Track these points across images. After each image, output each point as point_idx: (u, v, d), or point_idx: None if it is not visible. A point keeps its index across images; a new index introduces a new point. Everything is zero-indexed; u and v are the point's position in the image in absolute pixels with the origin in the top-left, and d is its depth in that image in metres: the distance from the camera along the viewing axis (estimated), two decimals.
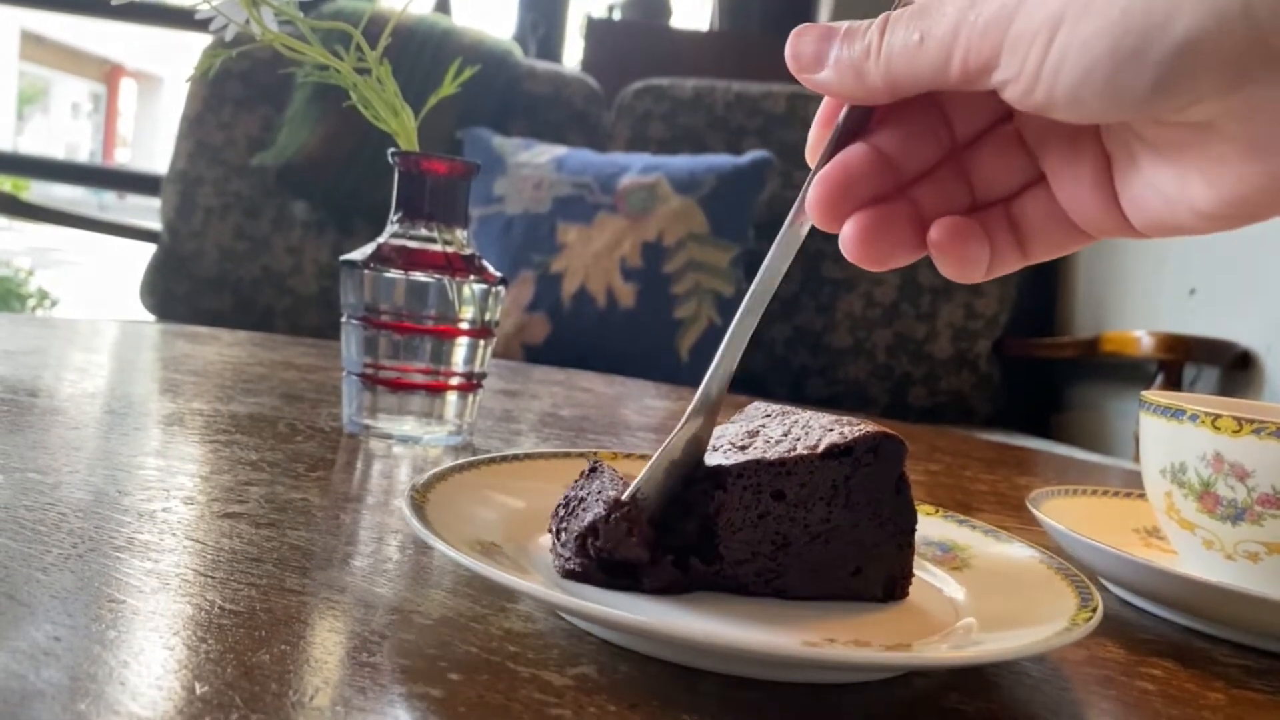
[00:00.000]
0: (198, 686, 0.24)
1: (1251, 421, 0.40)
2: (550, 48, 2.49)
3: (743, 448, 0.36)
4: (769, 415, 0.40)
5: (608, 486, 0.35)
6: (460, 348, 0.59)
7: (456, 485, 0.38)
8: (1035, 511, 0.46)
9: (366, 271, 0.57)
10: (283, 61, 0.57)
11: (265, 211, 1.83)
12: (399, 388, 0.58)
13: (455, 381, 0.60)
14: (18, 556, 0.32)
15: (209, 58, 0.57)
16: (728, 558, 0.35)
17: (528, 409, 0.82)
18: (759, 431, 0.38)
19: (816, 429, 0.36)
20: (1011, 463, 0.89)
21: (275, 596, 0.31)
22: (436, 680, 0.27)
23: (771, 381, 1.77)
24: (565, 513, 0.35)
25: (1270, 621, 0.39)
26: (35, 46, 16.88)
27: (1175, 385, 1.43)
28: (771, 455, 0.35)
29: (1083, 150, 0.29)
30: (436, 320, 0.58)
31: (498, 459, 0.43)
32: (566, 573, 0.34)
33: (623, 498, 0.34)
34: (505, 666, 0.28)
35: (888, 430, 0.35)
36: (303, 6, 0.55)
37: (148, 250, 1.88)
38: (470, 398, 0.61)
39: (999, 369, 1.78)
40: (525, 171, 1.64)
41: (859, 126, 0.31)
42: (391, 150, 0.58)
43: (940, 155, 0.31)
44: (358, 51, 0.56)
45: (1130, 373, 1.68)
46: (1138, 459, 0.49)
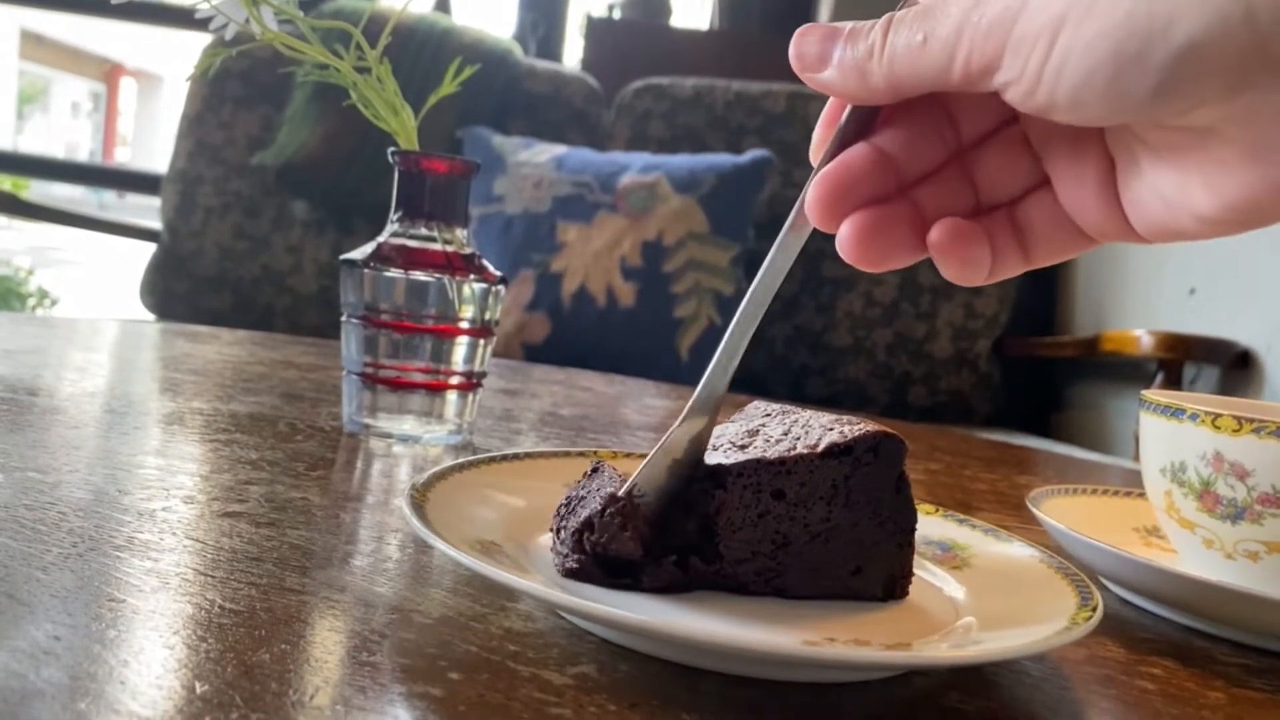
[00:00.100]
0: (198, 686, 0.24)
1: (1251, 421, 0.40)
2: (550, 47, 2.49)
3: (743, 447, 0.36)
4: (769, 414, 0.40)
5: (606, 484, 0.35)
6: (460, 347, 0.59)
7: (456, 484, 0.38)
8: (1035, 511, 0.46)
9: (366, 271, 0.57)
10: (283, 61, 0.57)
11: (265, 211, 1.83)
12: (399, 387, 0.58)
13: (455, 381, 0.60)
14: (18, 555, 0.32)
15: (209, 57, 0.57)
16: (728, 557, 0.35)
17: (528, 408, 0.82)
18: (759, 431, 0.38)
19: (816, 428, 0.36)
20: (1011, 462, 0.89)
21: (275, 596, 0.31)
22: (436, 679, 0.27)
23: (771, 381, 1.77)
24: (565, 511, 0.35)
25: (1270, 620, 0.39)
26: (35, 46, 16.88)
27: (1175, 384, 1.43)
28: (771, 454, 0.35)
29: (1088, 153, 0.29)
30: (436, 319, 0.58)
31: (498, 458, 0.43)
32: (567, 571, 0.34)
33: (619, 493, 0.34)
34: (505, 666, 0.28)
35: (888, 429, 0.35)
36: (302, 5, 0.55)
37: (148, 249, 1.88)
38: (470, 397, 0.61)
39: (999, 368, 1.78)
40: (525, 171, 1.64)
41: (864, 127, 0.31)
42: (391, 149, 0.58)
43: (945, 156, 0.31)
44: (357, 50, 0.56)
45: (1130, 372, 1.68)
46: (1138, 458, 0.49)
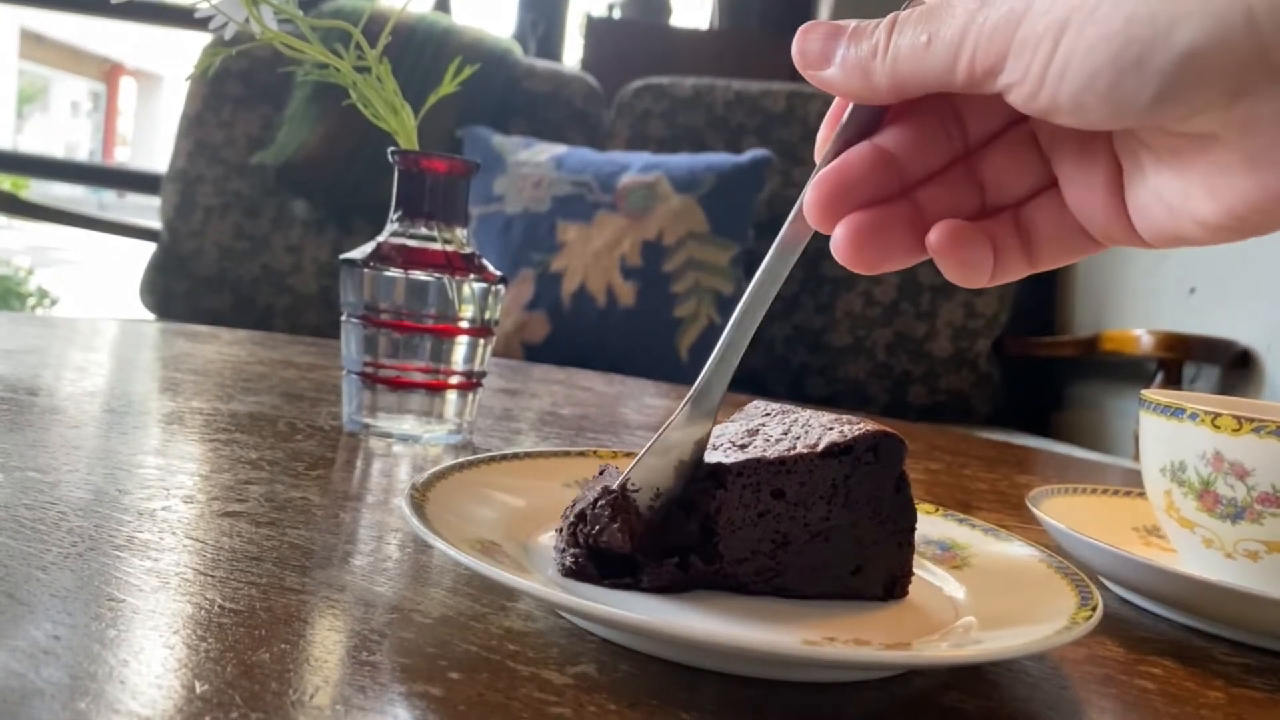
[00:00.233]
0: (198, 685, 0.24)
1: (1251, 420, 0.40)
2: (550, 46, 2.49)
3: (742, 446, 0.36)
4: (769, 414, 0.40)
5: (608, 482, 0.35)
6: (460, 346, 0.59)
7: (456, 484, 0.38)
8: (1035, 510, 0.46)
9: (366, 270, 0.57)
10: (282, 60, 0.57)
11: (265, 210, 1.83)
12: (399, 386, 0.58)
13: (455, 380, 0.60)
14: (17, 555, 0.32)
15: (209, 56, 0.57)
16: (727, 556, 0.35)
17: (527, 408, 0.82)
18: (759, 430, 0.38)
19: (816, 428, 0.36)
20: (1011, 461, 0.89)
21: (275, 595, 0.31)
22: (436, 679, 0.27)
23: (771, 380, 1.78)
24: (569, 512, 0.35)
25: (1270, 620, 0.39)
26: (35, 45, 16.88)
27: (1175, 384, 1.43)
28: (771, 454, 0.35)
29: (1096, 155, 0.29)
30: (436, 319, 0.58)
31: (497, 458, 0.43)
32: (566, 571, 0.34)
33: (612, 487, 0.34)
34: (505, 665, 0.28)
35: (887, 429, 0.35)
36: (302, 5, 0.55)
37: (147, 249, 1.88)
38: (470, 396, 0.61)
39: (999, 368, 1.78)
40: (525, 170, 1.64)
41: (868, 126, 0.31)
42: (391, 149, 0.58)
43: (951, 156, 0.31)
44: (357, 50, 0.56)
45: (1130, 371, 1.68)
46: (1137, 458, 0.49)
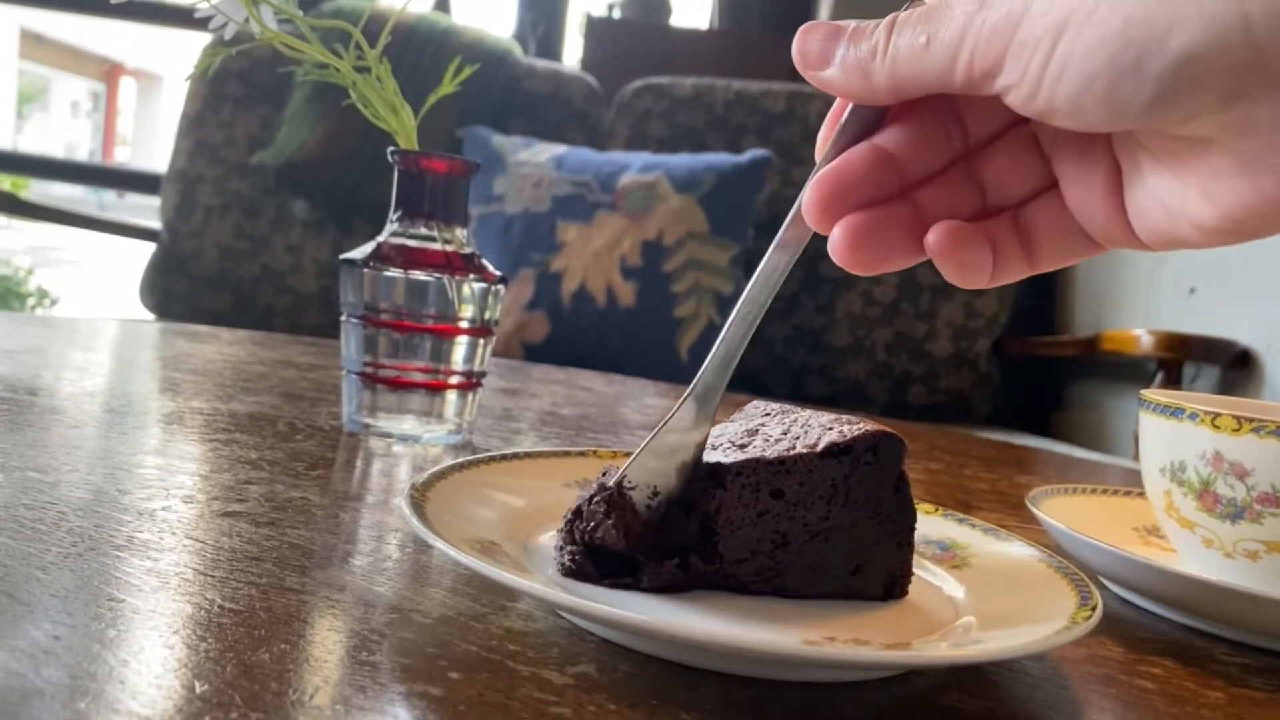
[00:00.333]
0: (197, 685, 0.24)
1: (1251, 420, 0.40)
2: (550, 46, 2.49)
3: (742, 446, 0.36)
4: (768, 414, 0.40)
5: (605, 480, 0.35)
6: (460, 346, 0.59)
7: (456, 484, 0.38)
8: (1035, 510, 0.46)
9: (366, 270, 0.57)
10: (282, 60, 0.57)
11: (265, 210, 1.83)
12: (399, 386, 0.58)
13: (455, 380, 0.60)
14: (17, 555, 0.32)
15: (208, 56, 0.57)
16: (727, 556, 0.35)
17: (527, 408, 0.82)
18: (758, 430, 0.38)
19: (816, 428, 0.36)
20: (1011, 461, 0.89)
21: (275, 595, 0.31)
22: (436, 679, 0.27)
23: (771, 380, 1.78)
24: (569, 511, 0.35)
25: (1270, 620, 0.39)
26: (35, 45, 16.88)
27: (1175, 384, 1.43)
28: (771, 454, 0.35)
29: (1096, 156, 0.29)
30: (436, 319, 0.58)
31: (497, 457, 0.43)
32: (566, 571, 0.34)
33: (609, 483, 0.34)
34: (505, 665, 0.28)
35: (887, 429, 0.35)
36: (302, 5, 0.55)
37: (147, 249, 1.88)
38: (470, 396, 0.61)
39: (999, 368, 1.78)
40: (525, 170, 1.64)
41: (868, 127, 0.31)
42: (391, 149, 0.58)
43: (952, 157, 0.31)
44: (357, 50, 0.56)
45: (1130, 371, 1.68)
46: (1137, 458, 0.49)
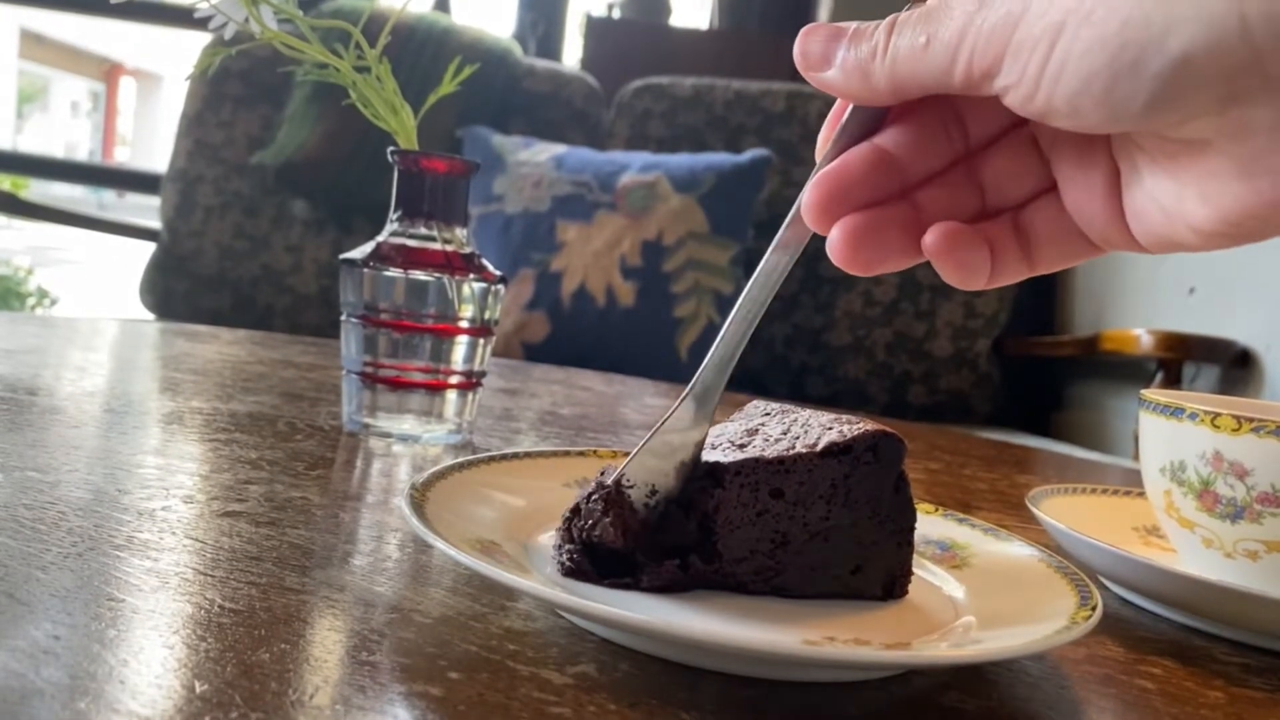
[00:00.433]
0: (197, 685, 0.24)
1: (1251, 420, 0.40)
2: (550, 46, 2.49)
3: (741, 446, 0.36)
4: (768, 414, 0.40)
5: (604, 479, 0.35)
6: (460, 346, 0.59)
7: (456, 484, 0.38)
8: (1035, 510, 0.46)
9: (366, 270, 0.57)
10: (282, 60, 0.57)
11: (265, 210, 1.83)
12: (398, 386, 0.58)
13: (455, 380, 0.60)
14: (17, 555, 0.32)
15: (208, 56, 0.57)
16: (726, 556, 0.35)
17: (527, 408, 0.82)
18: (758, 430, 0.38)
19: (816, 427, 0.36)
20: (1011, 461, 0.89)
21: (275, 595, 0.31)
22: (436, 679, 0.27)
23: (771, 380, 1.78)
24: (568, 510, 0.35)
25: (1270, 619, 0.39)
26: (35, 45, 16.88)
27: (1175, 383, 1.43)
28: (770, 453, 0.35)
29: (1095, 158, 0.29)
30: (436, 319, 0.58)
31: (497, 458, 0.43)
32: (565, 570, 0.34)
33: (607, 482, 0.34)
34: (505, 665, 0.28)
35: (887, 429, 0.35)
36: (302, 5, 0.55)
37: (147, 249, 1.88)
38: (470, 396, 0.61)
39: (998, 367, 1.78)
40: (525, 170, 1.64)
41: (871, 127, 0.31)
42: (391, 149, 0.58)
43: (952, 157, 0.31)
44: (357, 50, 0.56)
45: (1130, 371, 1.68)
46: (1137, 457, 0.49)
